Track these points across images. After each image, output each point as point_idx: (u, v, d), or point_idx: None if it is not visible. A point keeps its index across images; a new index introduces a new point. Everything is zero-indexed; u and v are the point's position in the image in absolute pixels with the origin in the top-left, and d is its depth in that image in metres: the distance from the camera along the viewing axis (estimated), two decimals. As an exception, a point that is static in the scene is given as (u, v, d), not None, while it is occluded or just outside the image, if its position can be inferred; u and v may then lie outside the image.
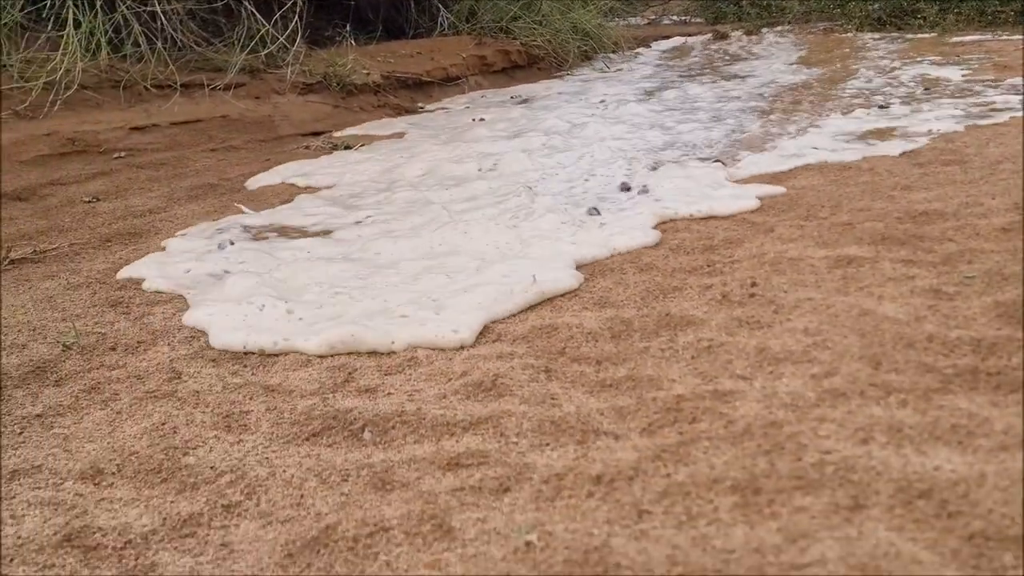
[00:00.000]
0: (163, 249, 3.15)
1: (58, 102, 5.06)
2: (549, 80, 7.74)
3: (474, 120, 5.60)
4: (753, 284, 2.31)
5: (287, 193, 3.94)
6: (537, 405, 1.82)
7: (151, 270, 2.89)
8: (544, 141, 4.61)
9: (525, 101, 6.43)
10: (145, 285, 2.77)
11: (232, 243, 3.12)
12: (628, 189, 3.45)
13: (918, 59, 6.77)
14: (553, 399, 1.85)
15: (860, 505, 1.34)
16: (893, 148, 3.77)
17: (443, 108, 6.45)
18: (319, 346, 2.21)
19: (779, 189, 3.26)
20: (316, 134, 5.49)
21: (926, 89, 5.27)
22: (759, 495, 1.40)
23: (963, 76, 5.72)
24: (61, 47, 5.27)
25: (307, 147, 5.09)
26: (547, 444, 1.67)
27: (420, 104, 6.63)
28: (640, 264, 2.63)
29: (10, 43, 5.36)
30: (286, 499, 1.58)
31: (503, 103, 6.38)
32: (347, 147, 4.96)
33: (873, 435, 1.53)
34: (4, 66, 5.23)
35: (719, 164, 3.79)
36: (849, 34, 9.26)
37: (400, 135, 5.31)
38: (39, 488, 1.67)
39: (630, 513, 1.41)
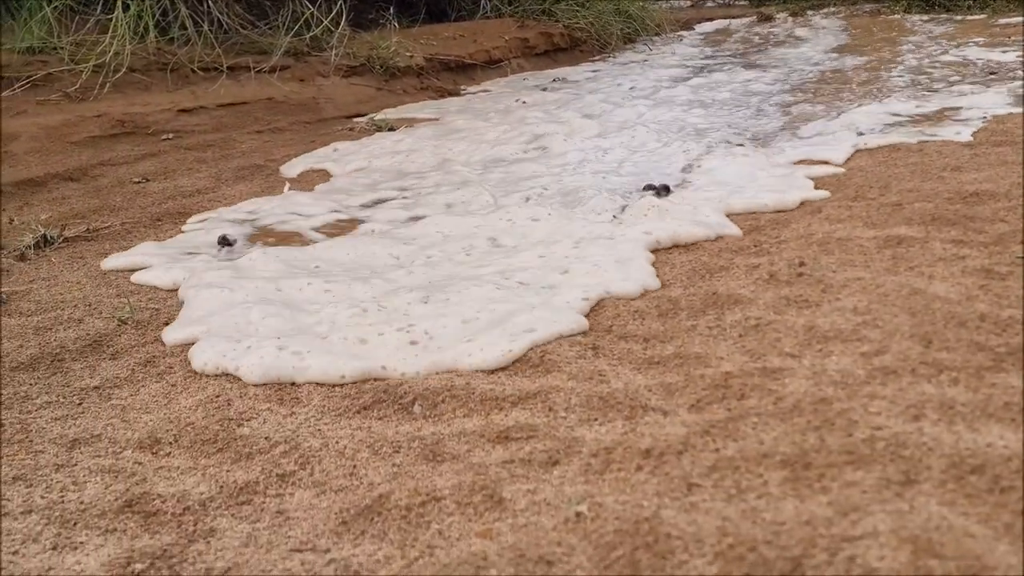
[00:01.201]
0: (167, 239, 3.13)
1: (107, 84, 5.15)
2: (592, 63, 7.72)
3: (517, 102, 5.60)
4: (801, 264, 2.30)
5: (328, 174, 3.98)
6: (585, 381, 1.84)
7: (148, 262, 2.80)
8: (588, 124, 4.61)
9: (568, 84, 6.43)
10: (136, 278, 2.70)
11: (233, 241, 2.96)
12: (664, 182, 3.44)
13: (967, 41, 6.67)
14: (601, 375, 1.86)
15: (912, 480, 1.34)
16: (943, 130, 3.72)
17: (485, 91, 6.46)
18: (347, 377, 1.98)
19: (827, 171, 3.24)
20: (360, 116, 5.52)
21: (991, 73, 5.18)
22: (809, 470, 1.40)
23: (1017, 57, 5.63)
24: (110, 30, 5.35)
25: (351, 129, 5.13)
26: (595, 419, 1.69)
27: (462, 86, 6.65)
28: (685, 244, 2.63)
29: (60, 26, 5.45)
30: (339, 469, 1.61)
31: (545, 86, 6.38)
32: (391, 129, 4.99)
33: (925, 412, 1.53)
34: (55, 49, 5.33)
35: (766, 147, 3.77)
36: (897, 16, 9.13)
37: (443, 117, 5.33)
38: (99, 456, 1.71)
39: (680, 486, 1.42)
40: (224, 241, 2.93)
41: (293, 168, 4.12)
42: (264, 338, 2.11)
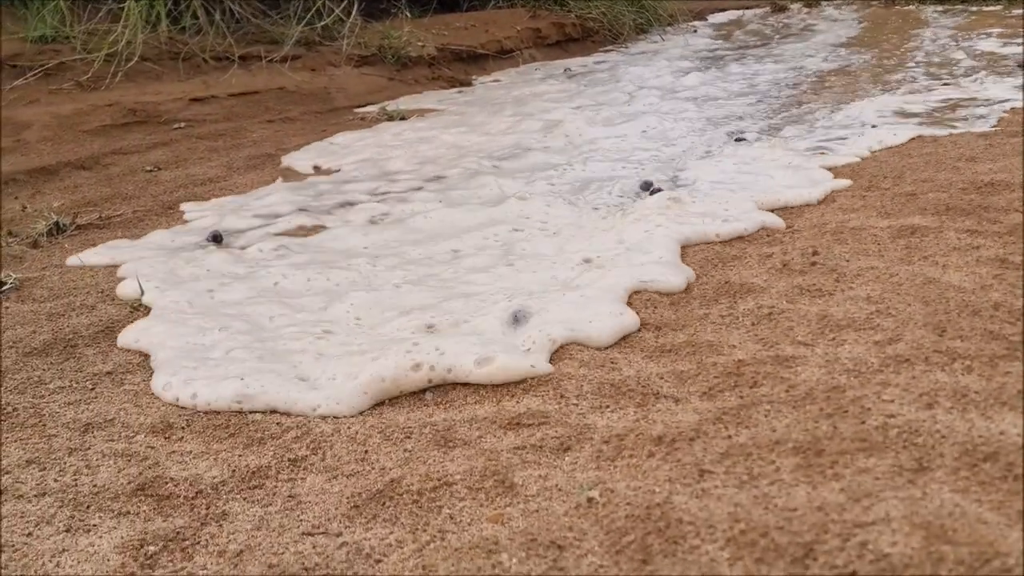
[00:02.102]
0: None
1: (119, 73, 5.17)
2: (604, 53, 7.70)
3: (530, 92, 5.59)
4: (814, 253, 2.29)
5: (333, 165, 3.98)
6: (596, 368, 1.83)
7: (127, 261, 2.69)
8: (601, 115, 4.60)
9: (580, 74, 6.41)
10: (122, 286, 2.52)
11: (221, 238, 2.87)
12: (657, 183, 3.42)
13: (983, 33, 6.63)
14: (612, 363, 1.86)
15: (924, 467, 1.33)
16: (958, 121, 3.70)
17: (497, 81, 6.45)
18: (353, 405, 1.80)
19: (841, 161, 3.22)
20: (371, 106, 5.52)
21: (1019, 65, 5.11)
22: (821, 456, 1.40)
23: (1030, 48, 5.59)
24: (122, 19, 5.36)
25: (362, 119, 5.13)
26: (607, 406, 1.68)
27: (474, 76, 6.64)
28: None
29: (72, 15, 5.46)
30: (351, 454, 1.61)
31: (557, 76, 6.36)
32: (402, 118, 4.99)
33: (938, 400, 1.52)
34: (67, 38, 5.34)
35: (781, 138, 3.76)
36: (911, 6, 9.08)
37: (453, 107, 5.33)
38: (112, 440, 1.72)
39: (691, 472, 1.42)
40: (214, 238, 2.87)
41: (295, 159, 4.10)
42: (225, 378, 1.87)
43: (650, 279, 2.23)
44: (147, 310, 2.33)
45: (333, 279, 2.42)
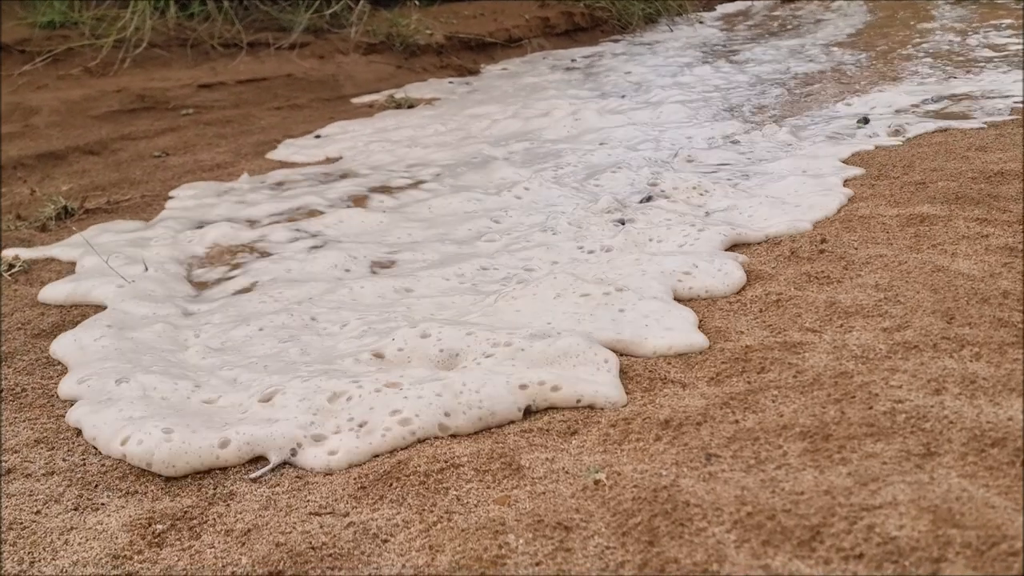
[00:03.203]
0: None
1: (127, 59, 5.17)
2: (613, 43, 7.67)
3: (539, 80, 5.58)
4: (823, 241, 2.29)
5: (337, 154, 3.98)
6: (603, 353, 1.83)
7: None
8: (609, 104, 4.58)
9: (589, 64, 6.39)
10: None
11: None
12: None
13: (993, 24, 6.60)
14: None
15: (932, 452, 1.33)
16: (968, 111, 3.69)
17: (505, 69, 6.44)
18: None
19: (850, 151, 3.21)
20: (379, 93, 5.51)
21: None
22: (829, 441, 1.40)
23: (1040, 40, 5.56)
24: (130, 5, 5.36)
25: (370, 106, 5.13)
26: (614, 390, 1.68)
27: (482, 65, 6.62)
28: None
29: (81, 1, 5.46)
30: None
31: (566, 66, 6.35)
32: (410, 106, 4.99)
33: (946, 386, 1.52)
34: (76, 23, 5.34)
35: (791, 129, 3.75)
36: (921, -2, 9.03)
37: (460, 96, 5.32)
38: (120, 421, 1.72)
39: (698, 456, 1.42)
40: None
41: (291, 149, 4.06)
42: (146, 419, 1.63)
43: (702, 285, 2.11)
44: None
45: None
